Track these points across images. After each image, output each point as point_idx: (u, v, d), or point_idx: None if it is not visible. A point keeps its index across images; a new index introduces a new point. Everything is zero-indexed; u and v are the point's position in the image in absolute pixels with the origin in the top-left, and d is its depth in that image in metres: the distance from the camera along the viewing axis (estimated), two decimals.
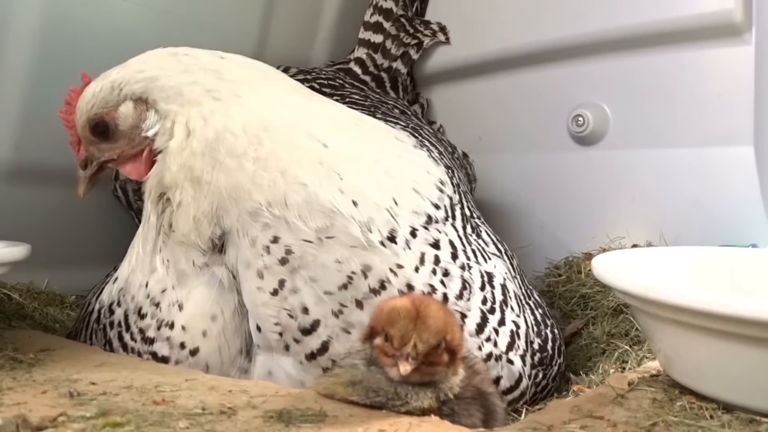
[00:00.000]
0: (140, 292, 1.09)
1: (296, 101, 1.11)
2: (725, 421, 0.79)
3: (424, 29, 1.98)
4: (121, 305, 1.12)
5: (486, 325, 1.09)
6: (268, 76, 1.14)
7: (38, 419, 0.72)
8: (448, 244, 1.11)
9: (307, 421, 0.78)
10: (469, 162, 1.77)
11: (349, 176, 1.02)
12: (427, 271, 1.05)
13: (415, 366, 0.81)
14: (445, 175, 1.22)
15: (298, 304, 0.99)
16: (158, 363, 1.06)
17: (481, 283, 1.12)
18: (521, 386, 1.11)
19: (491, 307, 1.11)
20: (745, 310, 0.74)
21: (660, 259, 1.08)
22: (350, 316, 0.99)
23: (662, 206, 1.65)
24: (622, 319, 1.40)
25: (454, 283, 1.08)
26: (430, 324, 0.83)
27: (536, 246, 1.67)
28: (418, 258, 1.05)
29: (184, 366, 1.05)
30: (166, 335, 1.06)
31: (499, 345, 1.09)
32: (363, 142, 1.13)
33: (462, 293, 1.08)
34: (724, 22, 1.53)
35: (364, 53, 1.94)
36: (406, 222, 1.06)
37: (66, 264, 1.61)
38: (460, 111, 2.05)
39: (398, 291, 1.01)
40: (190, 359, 1.05)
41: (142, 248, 1.10)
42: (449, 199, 1.18)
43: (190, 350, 1.05)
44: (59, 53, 1.49)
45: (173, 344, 1.06)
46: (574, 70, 1.79)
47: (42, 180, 1.57)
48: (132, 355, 1.09)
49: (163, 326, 1.06)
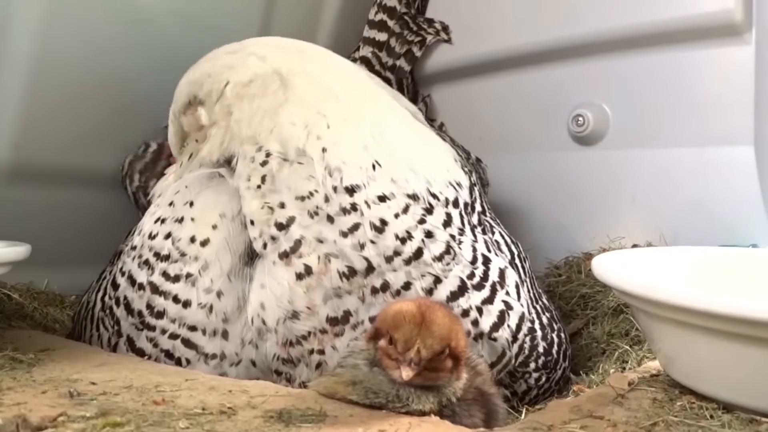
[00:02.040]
0: (153, 216, 1.17)
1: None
2: (725, 421, 0.79)
3: (428, 27, 1.99)
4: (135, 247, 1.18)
5: (463, 295, 1.10)
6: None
7: (38, 419, 0.72)
8: (444, 215, 1.14)
9: (307, 421, 0.79)
10: (482, 166, 1.78)
11: (333, 125, 1.12)
12: (409, 221, 1.09)
13: (417, 371, 0.81)
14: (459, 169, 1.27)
15: (277, 201, 1.07)
16: (158, 364, 1.06)
17: (472, 257, 1.13)
18: (503, 360, 1.12)
19: (479, 283, 1.12)
20: (745, 310, 0.74)
21: (660, 259, 1.08)
22: (323, 226, 1.05)
23: (662, 206, 1.65)
24: (622, 319, 1.39)
25: (435, 246, 1.10)
26: (434, 330, 0.83)
27: (536, 246, 1.67)
28: (401, 207, 1.09)
29: (192, 269, 1.08)
30: (177, 234, 1.10)
31: (481, 324, 1.10)
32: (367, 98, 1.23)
33: (442, 257, 1.09)
34: (724, 22, 1.53)
35: (370, 52, 1.94)
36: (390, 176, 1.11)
37: (66, 264, 1.61)
38: (459, 111, 2.04)
39: (370, 224, 1.06)
40: (200, 258, 1.08)
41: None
42: (459, 191, 1.21)
43: (201, 241, 1.09)
44: (59, 53, 1.49)
45: (182, 240, 1.10)
46: (574, 70, 1.79)
47: (42, 180, 1.57)
48: (143, 270, 1.12)
49: (171, 222, 1.12)
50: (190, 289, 1.08)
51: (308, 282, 1.05)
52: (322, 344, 1.05)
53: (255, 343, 1.07)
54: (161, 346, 1.09)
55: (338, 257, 1.05)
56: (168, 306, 1.08)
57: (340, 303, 1.05)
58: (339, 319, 1.05)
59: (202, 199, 1.12)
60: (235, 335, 1.07)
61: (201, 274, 1.08)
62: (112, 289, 1.17)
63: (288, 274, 1.05)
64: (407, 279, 1.07)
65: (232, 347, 1.07)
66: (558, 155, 1.84)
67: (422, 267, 1.08)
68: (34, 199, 1.56)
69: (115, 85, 1.61)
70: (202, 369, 1.06)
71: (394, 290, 1.06)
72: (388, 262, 1.06)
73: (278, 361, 1.07)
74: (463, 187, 1.23)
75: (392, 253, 1.06)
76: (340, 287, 1.05)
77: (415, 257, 1.07)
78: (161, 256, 1.11)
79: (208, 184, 1.14)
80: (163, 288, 1.09)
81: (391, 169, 1.11)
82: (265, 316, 1.05)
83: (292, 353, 1.06)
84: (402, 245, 1.07)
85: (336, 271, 1.05)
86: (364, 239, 1.06)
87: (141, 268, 1.12)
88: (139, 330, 1.11)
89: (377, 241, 1.06)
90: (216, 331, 1.07)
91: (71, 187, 1.63)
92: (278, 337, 1.05)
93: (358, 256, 1.05)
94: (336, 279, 1.05)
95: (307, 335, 1.05)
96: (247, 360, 1.08)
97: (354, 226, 1.06)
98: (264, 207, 1.07)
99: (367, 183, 1.08)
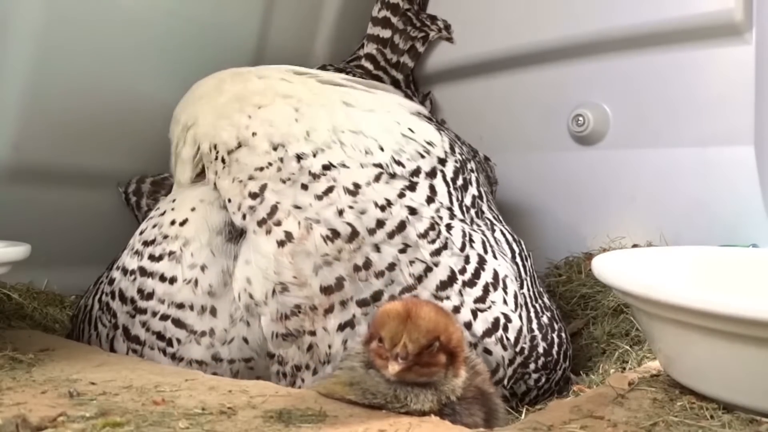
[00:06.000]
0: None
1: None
2: (726, 421, 0.79)
3: (431, 24, 1.99)
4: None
5: (453, 285, 1.10)
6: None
7: (38, 419, 0.72)
8: (428, 189, 1.15)
9: (307, 421, 0.79)
10: (490, 165, 1.78)
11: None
12: (389, 191, 1.11)
13: (406, 366, 0.81)
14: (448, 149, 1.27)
15: (245, 175, 1.10)
16: (158, 364, 1.06)
17: (461, 244, 1.14)
18: (497, 375, 1.12)
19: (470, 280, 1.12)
20: (745, 310, 0.74)
21: (660, 259, 1.08)
22: (297, 192, 1.07)
23: (662, 206, 1.65)
24: (622, 319, 1.40)
25: (420, 223, 1.11)
26: (420, 325, 0.83)
27: (536, 245, 1.67)
28: (372, 176, 1.11)
29: (174, 247, 1.11)
30: (160, 222, 1.16)
31: (474, 328, 1.10)
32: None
33: (427, 233, 1.10)
34: (724, 22, 1.53)
35: (374, 48, 1.95)
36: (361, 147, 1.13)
37: (66, 264, 1.61)
38: (460, 110, 2.05)
39: (343, 189, 1.08)
40: (180, 236, 1.12)
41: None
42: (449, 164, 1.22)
43: (180, 222, 1.13)
44: (59, 54, 1.49)
45: (164, 225, 1.15)
46: (574, 69, 1.79)
47: (42, 180, 1.57)
48: (134, 259, 1.15)
49: (157, 217, 1.18)
50: (175, 265, 1.11)
51: (291, 248, 1.05)
52: (314, 324, 1.06)
53: (246, 320, 1.08)
54: (153, 328, 1.10)
55: (319, 222, 1.06)
56: (156, 286, 1.11)
57: (331, 270, 1.05)
58: (333, 287, 1.05)
59: (183, 194, 1.19)
60: (224, 312, 1.09)
61: (182, 250, 1.11)
62: (108, 285, 1.19)
63: (270, 244, 1.06)
64: (392, 260, 1.07)
65: (222, 324, 1.08)
66: (558, 155, 1.84)
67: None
68: (34, 199, 1.56)
69: (115, 85, 1.61)
70: (195, 350, 1.08)
71: (378, 270, 1.06)
72: (371, 234, 1.07)
73: (277, 338, 1.07)
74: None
75: (375, 224, 1.07)
76: (327, 254, 1.05)
77: (399, 230, 1.08)
78: (148, 242, 1.15)
79: (191, 188, 1.19)
80: (150, 269, 1.12)
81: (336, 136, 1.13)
82: (252, 291, 1.06)
83: (290, 326, 1.06)
84: (383, 213, 1.08)
85: (319, 235, 1.06)
86: (342, 205, 1.07)
87: (132, 258, 1.16)
88: (132, 317, 1.13)
89: (355, 206, 1.07)
90: (204, 308, 1.09)
91: (71, 187, 1.63)
92: (272, 312, 1.06)
93: (340, 221, 1.06)
94: (321, 244, 1.05)
95: (301, 307, 1.05)
96: (239, 338, 1.08)
97: (328, 189, 1.08)
98: (234, 181, 1.11)
99: (316, 152, 1.10)
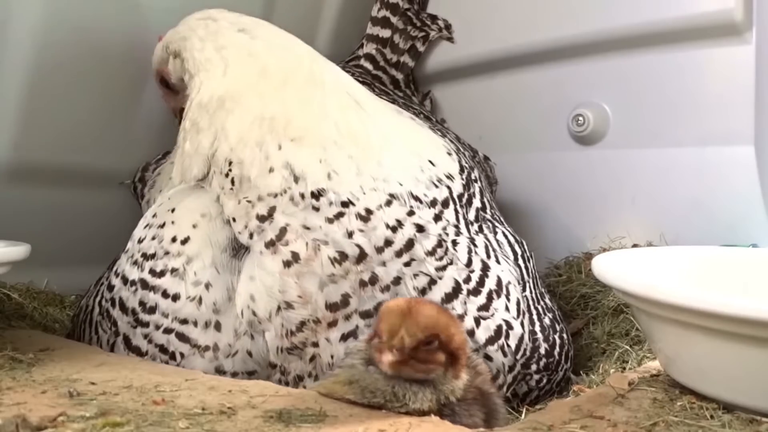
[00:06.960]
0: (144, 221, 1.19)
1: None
2: (726, 421, 0.79)
3: (431, 23, 1.99)
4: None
5: (458, 296, 1.10)
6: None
7: (38, 419, 0.72)
8: (432, 213, 1.13)
9: (307, 421, 0.78)
10: (489, 165, 1.78)
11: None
12: (400, 212, 1.10)
13: (401, 358, 0.81)
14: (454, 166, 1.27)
15: (254, 196, 1.07)
16: (158, 364, 1.06)
17: (467, 260, 1.13)
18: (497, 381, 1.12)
19: (475, 289, 1.12)
20: (745, 310, 0.74)
21: (660, 259, 1.08)
22: (308, 214, 1.05)
23: (662, 206, 1.65)
24: (622, 319, 1.39)
25: (428, 241, 1.10)
26: (419, 320, 0.83)
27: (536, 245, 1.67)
28: (383, 200, 1.09)
29: (177, 264, 1.09)
30: (160, 235, 1.12)
31: (477, 335, 1.09)
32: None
33: (435, 250, 1.10)
34: (724, 22, 1.53)
35: (374, 48, 1.94)
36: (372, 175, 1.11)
37: (66, 264, 1.60)
38: (459, 110, 2.04)
39: (356, 215, 1.06)
40: (182, 254, 1.09)
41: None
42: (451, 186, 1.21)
43: (182, 240, 1.10)
44: (59, 53, 1.49)
45: (164, 239, 1.11)
46: (574, 69, 1.79)
47: (42, 180, 1.57)
48: (134, 269, 1.13)
49: (155, 227, 1.14)
50: (179, 282, 1.09)
51: (297, 269, 1.04)
52: (316, 335, 1.05)
53: (250, 334, 1.07)
54: (156, 341, 1.09)
55: (328, 243, 1.05)
56: (159, 300, 1.09)
57: (337, 288, 1.05)
58: (339, 304, 1.05)
59: (182, 204, 1.14)
60: (228, 326, 1.07)
61: (186, 268, 1.09)
62: (108, 291, 1.18)
63: (276, 264, 1.05)
64: (397, 274, 1.07)
65: (226, 339, 1.07)
66: (558, 155, 1.84)
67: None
68: (34, 199, 1.56)
69: (115, 84, 1.61)
70: (199, 363, 1.07)
71: (384, 285, 1.06)
72: (379, 253, 1.06)
73: (282, 353, 1.06)
74: (454, 179, 1.22)
75: (383, 243, 1.07)
76: (333, 274, 1.05)
77: (407, 248, 1.08)
78: (147, 256, 1.13)
79: (189, 193, 1.15)
80: (152, 284, 1.10)
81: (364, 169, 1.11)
82: (255, 308, 1.05)
83: (295, 341, 1.05)
84: (393, 234, 1.07)
85: (327, 257, 1.05)
86: (352, 228, 1.06)
87: (132, 267, 1.14)
88: (133, 327, 1.11)
89: (365, 229, 1.06)
90: (209, 323, 1.07)
91: (71, 187, 1.63)
92: (276, 328, 1.05)
93: (349, 243, 1.05)
94: (328, 266, 1.05)
95: (306, 323, 1.05)
96: (243, 352, 1.07)
97: (339, 214, 1.06)
98: (241, 202, 1.08)
99: (336, 191, 1.08)
